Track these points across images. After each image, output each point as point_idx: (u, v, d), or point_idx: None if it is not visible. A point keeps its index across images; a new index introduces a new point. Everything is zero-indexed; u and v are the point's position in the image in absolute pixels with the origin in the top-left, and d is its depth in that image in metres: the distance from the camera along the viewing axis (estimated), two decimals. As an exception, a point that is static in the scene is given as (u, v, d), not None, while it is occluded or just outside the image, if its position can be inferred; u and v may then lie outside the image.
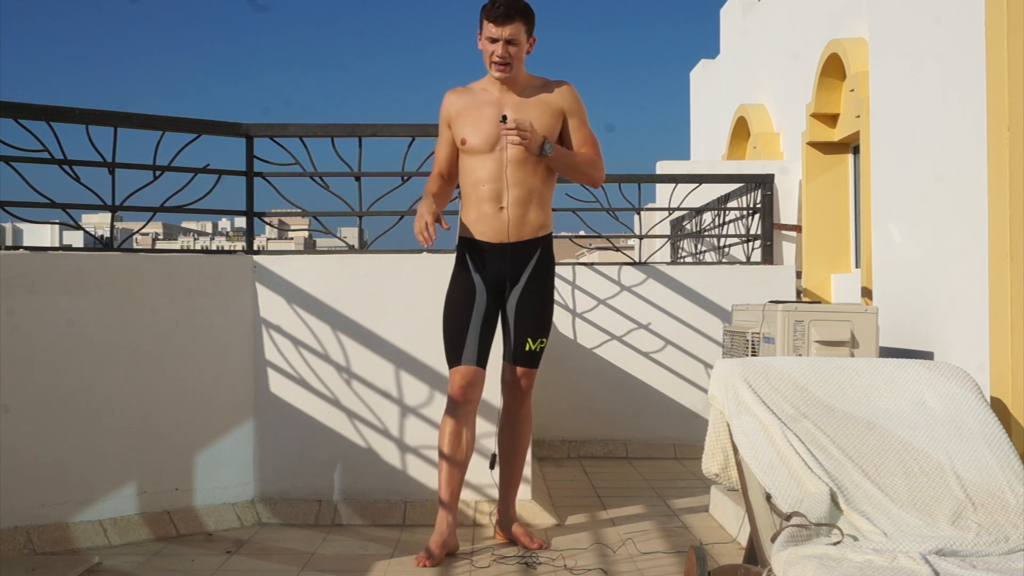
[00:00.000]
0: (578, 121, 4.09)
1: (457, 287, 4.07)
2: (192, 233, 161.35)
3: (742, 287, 6.33)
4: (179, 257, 4.79)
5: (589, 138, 4.11)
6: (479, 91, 4.07)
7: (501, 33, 3.92)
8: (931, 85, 4.23)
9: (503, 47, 3.93)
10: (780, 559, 2.65)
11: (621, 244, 8.16)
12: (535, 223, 4.04)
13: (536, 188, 4.03)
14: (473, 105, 4.04)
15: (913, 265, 4.42)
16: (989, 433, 3.11)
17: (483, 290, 4.04)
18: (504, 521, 4.23)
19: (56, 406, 4.16)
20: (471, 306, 4.02)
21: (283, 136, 4.94)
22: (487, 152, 3.99)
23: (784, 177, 9.47)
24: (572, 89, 4.10)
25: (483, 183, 4.00)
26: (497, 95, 4.04)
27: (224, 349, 4.62)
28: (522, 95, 4.04)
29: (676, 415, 6.51)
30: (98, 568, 3.84)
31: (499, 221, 4.00)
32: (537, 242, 4.06)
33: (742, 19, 12.70)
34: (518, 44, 3.95)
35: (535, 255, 4.05)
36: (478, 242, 4.04)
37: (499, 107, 4.01)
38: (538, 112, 4.02)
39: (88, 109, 4.50)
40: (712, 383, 3.30)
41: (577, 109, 4.09)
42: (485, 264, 4.03)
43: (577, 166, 4.07)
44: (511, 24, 3.92)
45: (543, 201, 4.07)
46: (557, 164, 4.03)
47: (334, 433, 4.67)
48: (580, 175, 4.13)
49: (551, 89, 4.08)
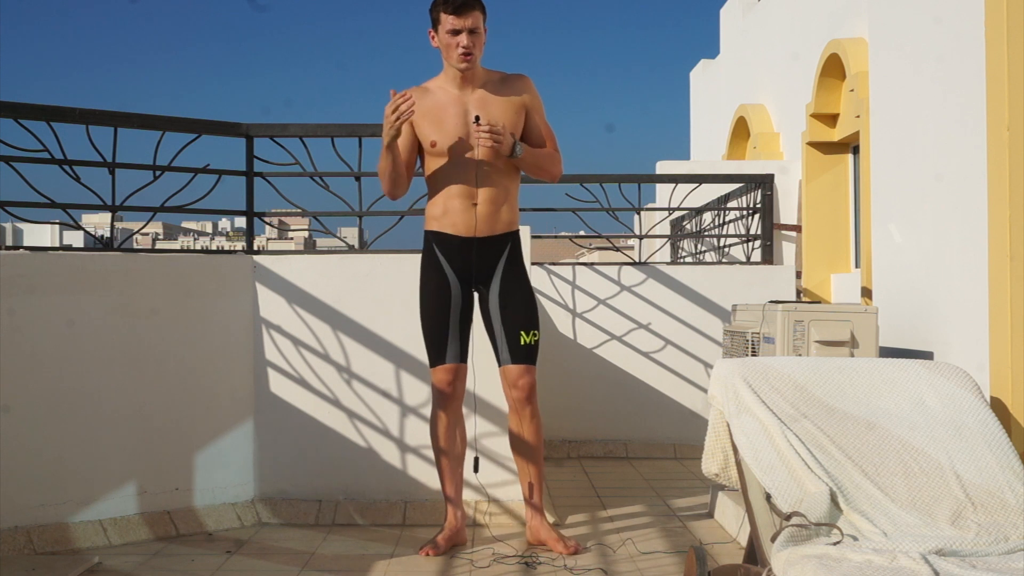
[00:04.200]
0: (539, 116, 4.10)
1: (431, 283, 4.06)
2: (192, 233, 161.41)
3: (742, 287, 6.33)
4: (179, 257, 4.79)
5: (549, 132, 4.13)
6: (437, 90, 4.04)
7: (464, 23, 3.90)
8: (931, 85, 4.23)
9: (467, 37, 3.92)
10: (780, 559, 2.65)
11: (621, 244, 8.17)
12: (504, 219, 4.04)
13: (505, 185, 4.03)
14: (435, 106, 4.01)
15: (913, 265, 4.42)
16: (989, 433, 3.11)
17: (456, 285, 4.04)
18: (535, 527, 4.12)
19: (56, 406, 4.16)
20: (447, 302, 4.03)
21: (283, 136, 4.94)
22: (456, 152, 3.98)
23: (784, 177, 9.47)
24: (531, 82, 4.09)
25: (452, 181, 3.99)
26: (457, 93, 4.01)
27: (224, 349, 4.62)
28: (482, 89, 4.02)
29: (676, 415, 6.51)
30: (98, 568, 3.84)
31: (468, 216, 3.99)
32: (507, 237, 4.06)
33: (742, 19, 12.70)
34: (479, 33, 3.95)
35: (506, 250, 4.05)
36: (447, 236, 4.03)
37: (462, 105, 3.99)
38: (502, 109, 4.01)
39: (88, 109, 4.50)
40: (712, 383, 3.30)
41: (537, 103, 4.10)
42: (455, 257, 4.02)
43: (542, 163, 4.08)
44: (471, 13, 3.91)
45: (512, 198, 4.08)
46: (524, 164, 4.04)
47: (334, 433, 4.67)
48: (543, 172, 4.12)
49: (511, 83, 4.06)
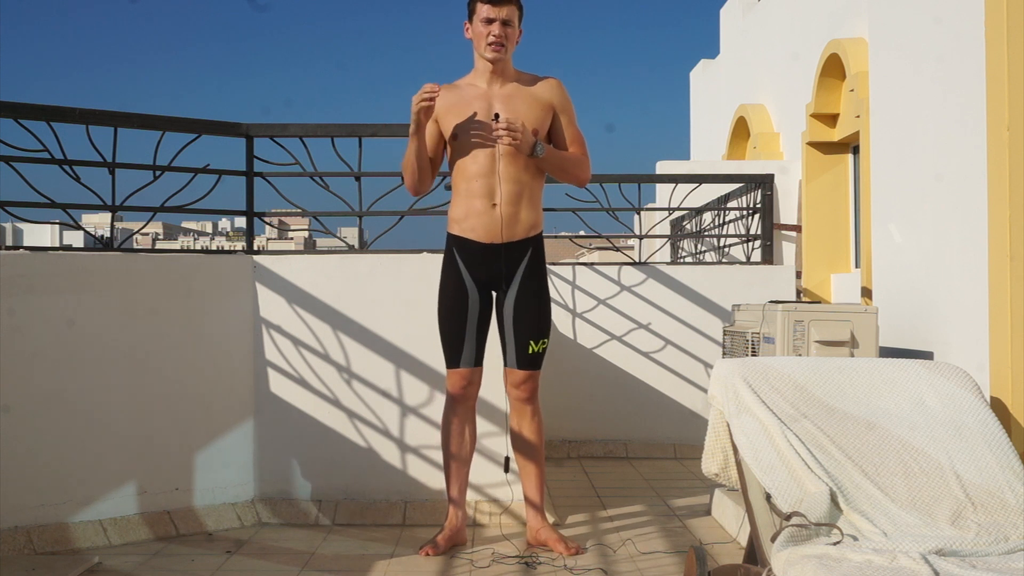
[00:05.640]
0: (567, 119, 4.09)
1: (449, 287, 4.07)
2: (192, 233, 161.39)
3: (742, 287, 6.33)
4: (179, 257, 4.79)
5: (577, 137, 4.11)
6: (465, 86, 4.07)
7: (498, 13, 3.94)
8: (931, 85, 4.23)
9: (500, 27, 3.94)
10: (780, 559, 2.65)
11: (621, 244, 8.17)
12: (527, 222, 4.03)
13: (528, 184, 4.02)
14: (461, 100, 4.03)
15: (913, 265, 4.42)
16: (989, 433, 3.11)
17: (475, 290, 4.04)
18: (535, 527, 4.12)
19: (56, 406, 4.16)
20: (465, 308, 4.03)
21: (283, 136, 4.94)
22: (479, 147, 3.98)
23: (784, 177, 9.48)
24: (561, 86, 4.10)
25: (475, 178, 3.99)
26: (485, 88, 4.03)
27: (224, 349, 4.62)
28: (510, 85, 4.03)
29: (676, 415, 6.51)
30: (98, 568, 3.84)
31: (491, 219, 3.98)
32: (528, 242, 4.05)
33: (742, 19, 12.70)
34: (512, 27, 3.98)
35: (527, 255, 4.04)
36: (469, 241, 4.03)
37: (487, 100, 4.00)
38: (527, 105, 4.01)
39: (88, 109, 4.50)
40: (712, 383, 3.30)
41: (567, 106, 4.10)
42: (476, 265, 4.02)
43: (566, 167, 4.08)
44: (507, 6, 3.95)
45: (534, 198, 4.06)
46: (547, 164, 4.03)
47: (334, 433, 4.67)
48: (568, 175, 4.12)
49: (541, 84, 4.08)
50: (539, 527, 4.11)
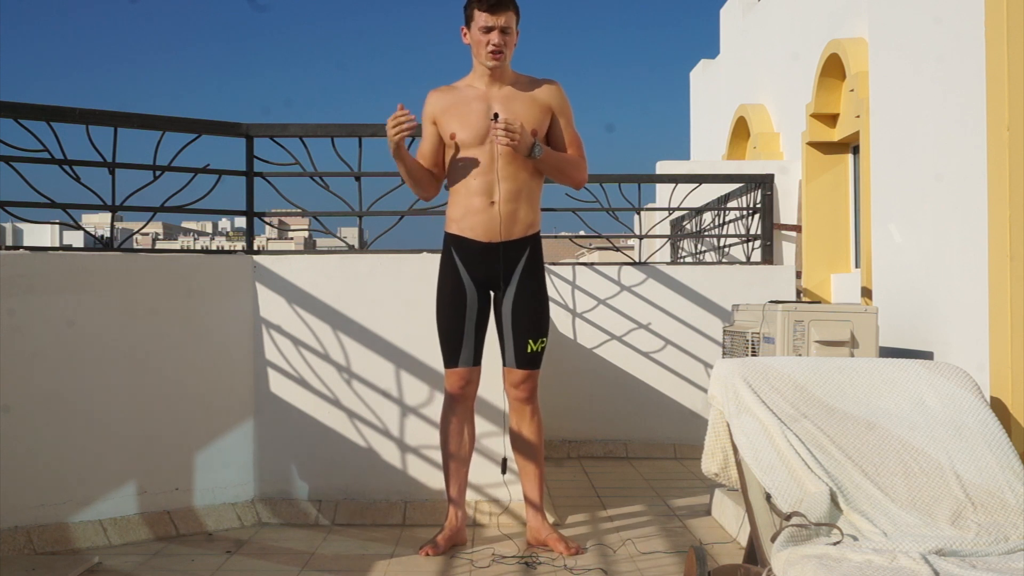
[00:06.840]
0: (565, 121, 4.10)
1: (447, 286, 4.07)
2: (192, 233, 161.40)
3: (742, 287, 6.33)
4: (179, 257, 4.79)
5: (575, 139, 4.12)
6: (464, 88, 4.08)
7: (496, 21, 3.94)
8: (931, 85, 4.23)
9: (498, 35, 3.95)
10: (780, 559, 2.65)
11: (621, 244, 8.17)
12: (525, 221, 4.04)
13: (526, 182, 4.03)
14: (459, 101, 4.04)
15: (913, 265, 4.42)
16: (989, 433, 3.11)
17: (473, 290, 4.04)
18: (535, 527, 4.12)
19: (56, 406, 4.16)
20: (463, 307, 4.03)
21: (283, 136, 4.94)
22: (477, 146, 3.99)
23: (784, 177, 9.48)
24: (560, 88, 4.11)
25: (473, 177, 4.00)
26: (484, 90, 4.04)
27: (224, 349, 4.62)
28: (509, 88, 4.04)
29: (676, 415, 6.51)
30: (98, 568, 3.84)
31: (489, 217, 3.99)
32: (526, 241, 4.05)
33: (742, 19, 12.70)
34: (510, 33, 3.98)
35: (525, 254, 4.04)
36: (467, 240, 4.03)
37: (486, 101, 4.01)
38: (526, 107, 4.02)
39: (88, 109, 4.50)
40: (712, 383, 3.30)
41: (565, 109, 4.10)
42: (474, 264, 4.02)
43: (563, 168, 4.08)
44: (505, 12, 3.95)
45: (533, 197, 4.07)
46: (544, 166, 4.04)
47: (334, 433, 4.67)
48: (565, 177, 4.12)
49: (539, 85, 4.08)
50: (539, 526, 4.11)
